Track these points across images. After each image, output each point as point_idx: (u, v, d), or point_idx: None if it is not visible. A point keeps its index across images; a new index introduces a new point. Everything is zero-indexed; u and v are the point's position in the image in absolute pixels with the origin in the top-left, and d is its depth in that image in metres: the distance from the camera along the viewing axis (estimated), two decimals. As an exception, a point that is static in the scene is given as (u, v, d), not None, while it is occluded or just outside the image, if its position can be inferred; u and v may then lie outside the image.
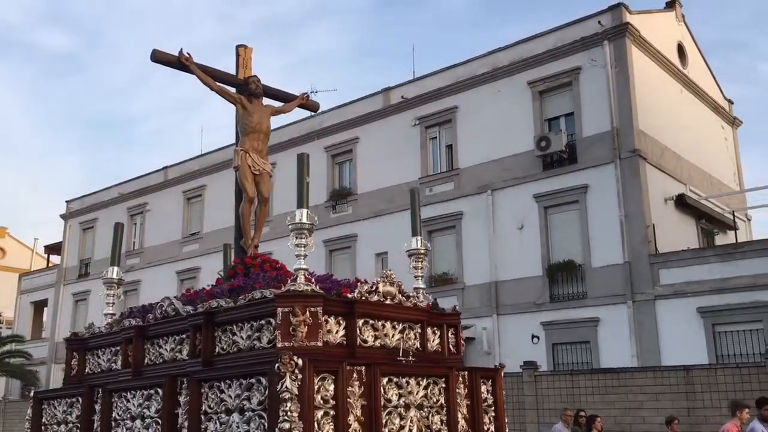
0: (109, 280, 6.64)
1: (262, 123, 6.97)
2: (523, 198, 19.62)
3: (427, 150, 22.64)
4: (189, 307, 5.27)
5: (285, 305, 4.46)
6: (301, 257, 4.69)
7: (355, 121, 24.28)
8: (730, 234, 21.78)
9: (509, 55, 21.16)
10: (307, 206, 4.80)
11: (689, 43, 23.21)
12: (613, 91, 18.89)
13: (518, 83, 20.75)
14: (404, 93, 23.27)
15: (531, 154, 19.81)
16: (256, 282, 5.21)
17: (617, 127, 18.69)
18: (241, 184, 6.79)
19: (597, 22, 19.50)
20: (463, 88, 21.86)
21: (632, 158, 18.36)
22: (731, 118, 25.23)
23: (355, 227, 23.35)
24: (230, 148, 31.64)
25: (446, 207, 21.34)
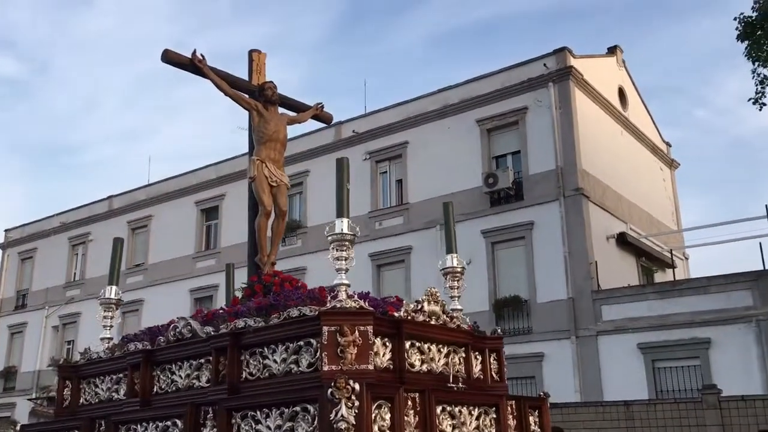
0: (106, 301, 6.04)
1: (279, 132, 6.54)
2: (471, 234, 19.93)
3: (377, 184, 22.85)
4: (209, 328, 4.77)
5: (332, 324, 4.01)
6: (341, 271, 4.27)
7: (306, 155, 24.35)
8: (668, 272, 22.51)
9: (459, 93, 21.67)
10: (347, 215, 4.40)
11: (629, 87, 24.20)
12: (558, 131, 19.51)
13: (467, 121, 21.22)
14: (355, 127, 23.50)
15: (479, 191, 20.19)
16: (288, 299, 4.72)
17: (561, 166, 19.26)
18: (258, 195, 6.31)
19: (543, 65, 20.19)
20: (414, 124, 22.24)
21: (576, 196, 18.91)
22: (669, 160, 26.27)
23: (305, 260, 23.25)
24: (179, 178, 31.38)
25: (396, 241, 21.49)
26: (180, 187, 27.70)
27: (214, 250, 26.04)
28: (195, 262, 26.23)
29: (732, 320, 16.14)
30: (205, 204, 26.88)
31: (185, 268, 26.36)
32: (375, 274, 21.54)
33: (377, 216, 22.31)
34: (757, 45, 14.99)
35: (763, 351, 15.72)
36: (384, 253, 21.31)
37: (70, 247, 30.67)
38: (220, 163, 27.06)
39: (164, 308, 25.01)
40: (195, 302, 25.35)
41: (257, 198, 6.35)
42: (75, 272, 30.54)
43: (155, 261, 27.39)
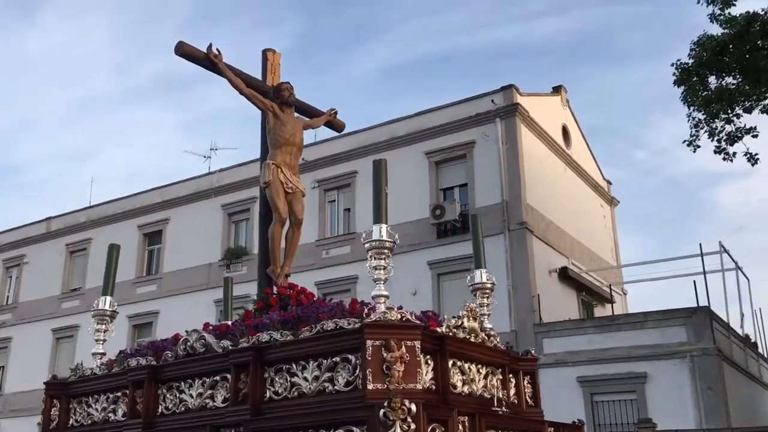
0: (100, 312, 5.57)
1: (296, 135, 6.20)
2: (418, 264, 20.03)
3: (325, 212, 22.82)
4: (227, 342, 4.37)
5: (377, 337, 3.65)
6: (380, 282, 4.00)
7: (254, 181, 24.12)
8: (607, 307, 23.04)
9: (409, 125, 21.94)
10: (386, 221, 4.16)
11: (573, 126, 24.95)
12: (504, 166, 19.92)
13: (416, 153, 21.48)
14: (305, 155, 23.43)
15: (426, 222, 20.38)
16: (319, 311, 4.33)
17: (507, 200, 19.64)
18: (272, 202, 5.93)
19: (490, 101, 20.67)
20: (363, 154, 22.36)
21: (520, 230, 19.27)
22: (610, 197, 27.07)
23: (250, 287, 22.87)
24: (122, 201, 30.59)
25: (342, 270, 21.41)
26: (122, 210, 27.07)
27: (155, 276, 25.44)
28: (135, 288, 25.56)
29: (667, 355, 16.58)
30: (148, 228, 26.31)
31: (124, 294, 25.60)
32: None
33: (324, 245, 22.24)
34: (693, 90, 15.71)
35: (696, 386, 16.16)
36: (330, 282, 21.21)
37: (3, 269, 29.51)
38: (165, 187, 26.60)
39: (101, 334, 24.26)
40: (133, 329, 24.68)
41: (272, 204, 5.95)
42: (8, 296, 29.36)
43: (93, 286, 26.54)
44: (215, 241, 23.96)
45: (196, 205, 25.19)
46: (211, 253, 23.88)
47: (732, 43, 15.04)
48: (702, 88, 15.67)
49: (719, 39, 15.23)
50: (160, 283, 24.86)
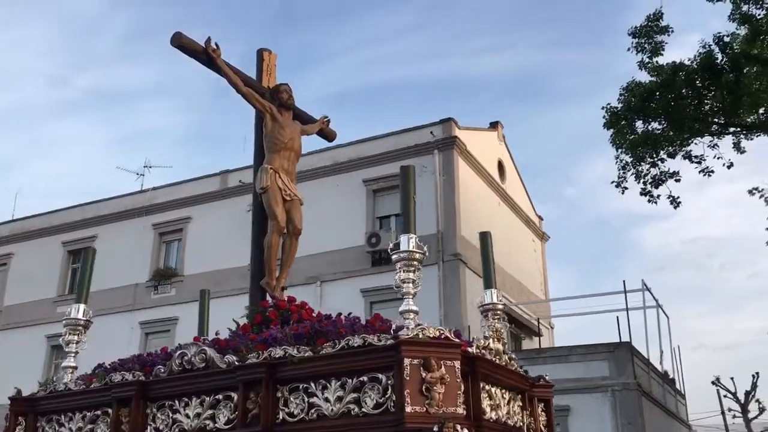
0: (73, 322, 5.02)
1: (294, 140, 5.91)
2: (351, 292, 19.99)
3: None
4: (232, 357, 3.99)
5: (415, 356, 3.38)
6: (409, 296, 3.79)
7: (189, 201, 23.74)
8: (535, 339, 23.49)
9: (348, 152, 22.04)
10: (414, 231, 3.94)
11: (508, 161, 25.59)
12: (440, 198, 20.22)
13: (354, 180, 21.57)
14: (243, 178, 23.25)
15: (361, 250, 20.41)
16: (340, 326, 4.04)
17: (442, 231, 19.91)
18: (269, 209, 5.62)
19: (429, 132, 21.02)
20: (302, 179, 22.20)
21: (454, 262, 19.52)
22: (541, 233, 27.78)
23: (177, 310, 22.36)
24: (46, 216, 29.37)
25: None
26: (47, 225, 26.06)
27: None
28: (56, 306, 24.52)
29: (590, 389, 16.97)
30: (74, 245, 25.37)
31: (44, 312, 24.58)
32: (250, 327, 21.03)
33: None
34: (621, 134, 16.40)
35: (617, 420, 16.58)
36: (261, 307, 20.90)
37: None
38: (94, 203, 25.80)
39: (18, 355, 23.11)
40: (52, 350, 23.66)
41: (269, 212, 5.65)
42: None
43: (11, 303, 25.38)
44: (144, 261, 23.33)
45: (126, 223, 24.51)
46: (138, 273, 23.24)
47: (658, 91, 15.81)
48: (629, 132, 16.37)
49: (647, 86, 16.00)
50: (84, 303, 24.00)
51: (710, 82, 15.76)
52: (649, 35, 16.31)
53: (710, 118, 16.45)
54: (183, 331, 21.85)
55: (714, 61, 15.78)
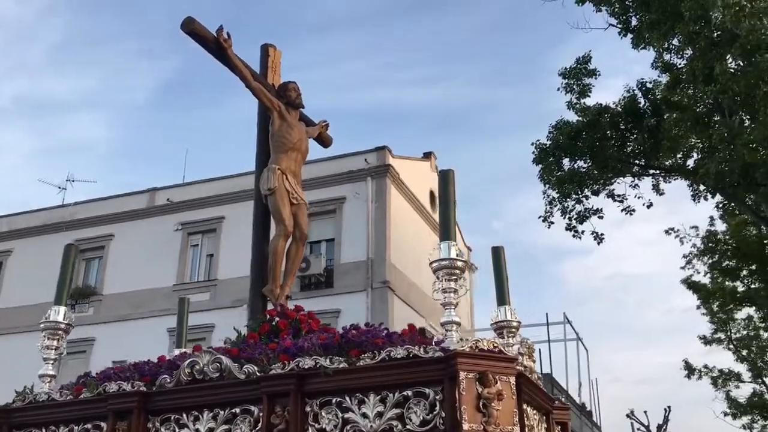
0: (52, 325, 4.68)
1: (302, 141, 5.60)
2: (278, 316, 19.73)
3: (186, 257, 22.05)
4: (252, 367, 3.70)
5: (471, 369, 3.18)
6: (451, 307, 3.60)
7: (112, 218, 23.00)
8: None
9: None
10: (455, 238, 3.74)
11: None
12: (371, 225, 20.30)
13: (286, 204, 21.41)
14: (171, 196, 22.74)
15: (290, 274, 20.20)
16: (375, 336, 3.79)
17: (372, 258, 19.94)
18: (276, 212, 5.29)
19: (364, 159, 21.15)
20: (233, 199, 21.98)
21: (382, 289, 19.56)
22: (469, 263, 28.22)
23: (94, 330, 21.48)
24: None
25: (199, 318, 20.55)
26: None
27: (-11, 311, 23.25)
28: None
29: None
30: (-14, 259, 24.14)
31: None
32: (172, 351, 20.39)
33: (182, 289, 21.36)
34: (548, 170, 16.91)
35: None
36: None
37: None
38: (8, 217, 24.68)
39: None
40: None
41: (276, 215, 5.32)
42: None
43: None
44: (62, 277, 22.45)
45: (45, 238, 23.49)
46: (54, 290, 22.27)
47: (585, 131, 16.44)
48: (557, 169, 16.90)
49: (574, 125, 16.61)
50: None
51: (633, 126, 16.51)
52: (577, 77, 16.99)
53: (632, 159, 17.20)
54: (100, 353, 21.00)
55: (637, 106, 16.56)
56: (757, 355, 23.20)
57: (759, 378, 23.19)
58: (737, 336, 23.40)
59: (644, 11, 15.65)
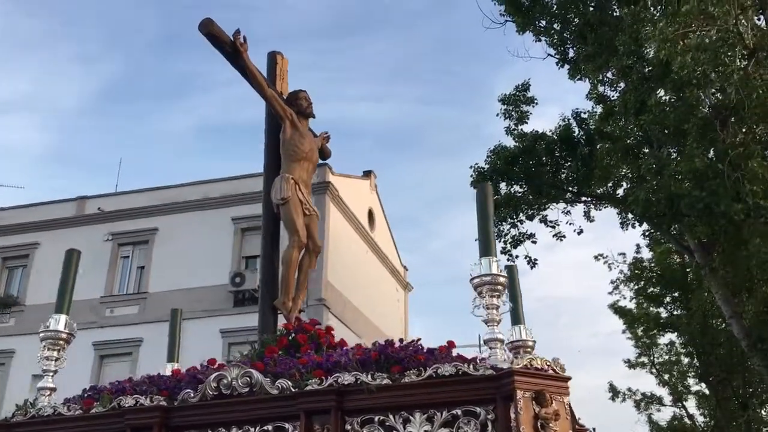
0: (52, 335, 4.39)
1: (314, 152, 5.51)
2: (210, 332, 19.30)
3: (116, 268, 21.40)
4: (286, 383, 3.54)
5: (528, 388, 3.09)
6: (494, 324, 3.49)
7: (39, 225, 22.13)
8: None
9: (219, 188, 21.58)
10: (494, 254, 3.65)
11: (378, 210, 26.10)
12: (310, 242, 20.17)
13: (223, 217, 21.08)
14: (102, 205, 22.07)
15: (224, 289, 19.85)
16: (416, 352, 3.63)
17: (309, 275, 19.79)
18: (290, 222, 5.16)
19: (304, 176, 21.06)
20: (167, 211, 21.52)
21: (318, 306, 19.42)
22: (405, 282, 28.36)
23: (15, 342, 20.55)
24: None
25: (126, 332, 20.01)
26: None
27: None
28: None
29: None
30: None
31: None
32: (96, 365, 19.69)
33: (110, 302, 20.72)
34: (485, 193, 17.20)
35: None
36: (111, 343, 19.67)
37: None
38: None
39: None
40: None
41: (289, 225, 5.19)
42: None
43: None
44: (-19, 286, 21.37)
45: (-36, 244, 22.46)
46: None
47: (521, 156, 16.82)
48: (494, 193, 17.22)
49: (511, 150, 16.99)
50: None
51: (567, 153, 17.00)
52: (516, 104, 17.42)
53: (565, 186, 17.67)
54: (19, 365, 20.08)
55: (571, 135, 17.07)
56: (678, 380, 24.01)
57: (679, 402, 24.00)
58: (659, 360, 24.18)
59: (581, 44, 16.22)
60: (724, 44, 12.31)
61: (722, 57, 12.09)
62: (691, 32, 12.61)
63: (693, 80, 12.40)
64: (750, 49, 12.81)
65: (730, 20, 12.31)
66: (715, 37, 12.15)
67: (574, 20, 16.39)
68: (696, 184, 12.40)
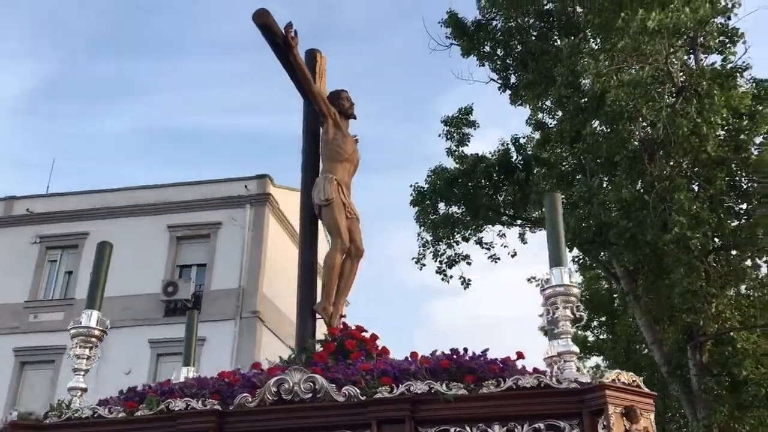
0: (84, 332, 4.16)
1: (355, 153, 5.27)
2: (137, 341, 18.83)
3: (42, 272, 20.65)
4: (353, 389, 3.42)
5: (619, 403, 3.00)
6: (567, 336, 3.36)
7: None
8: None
9: (156, 194, 21.16)
10: (566, 263, 3.53)
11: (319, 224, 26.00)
12: (246, 253, 19.97)
13: (159, 224, 20.66)
14: (31, 206, 21.32)
15: (155, 298, 19.42)
16: (489, 364, 3.52)
17: (244, 286, 19.58)
18: (334, 224, 5.03)
19: (244, 186, 20.88)
20: (100, 216, 20.95)
21: (252, 319, 19.21)
22: (342, 297, 28.32)
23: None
24: None
25: (50, 338, 19.27)
26: None
27: None
28: None
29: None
30: None
31: None
32: (16, 372, 18.89)
33: (35, 307, 19.97)
34: (424, 213, 17.44)
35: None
36: (33, 350, 18.93)
37: None
38: None
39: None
40: None
41: (332, 227, 5.07)
42: None
43: None
44: None
45: None
46: None
47: (461, 178, 17.15)
48: (432, 212, 17.47)
49: (451, 172, 17.29)
50: None
51: (505, 177, 17.41)
52: (458, 126, 17.78)
53: (502, 209, 18.09)
54: None
55: (510, 159, 17.51)
56: (603, 402, 24.65)
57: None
58: (587, 383, 24.76)
59: (522, 71, 16.71)
60: (655, 81, 12.91)
61: (653, 93, 12.67)
62: (625, 68, 13.18)
63: (625, 114, 12.93)
64: (678, 87, 13.48)
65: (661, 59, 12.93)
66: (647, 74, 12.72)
67: (517, 47, 16.89)
68: (624, 214, 12.90)
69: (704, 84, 12.99)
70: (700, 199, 13.11)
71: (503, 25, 16.78)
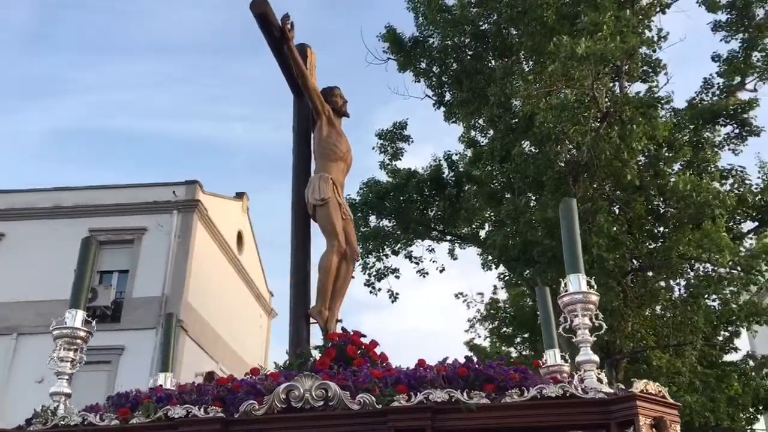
0: (69, 333, 3.92)
1: (349, 153, 5.14)
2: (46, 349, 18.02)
3: (-50, 274, 19.52)
4: (368, 397, 3.26)
5: (649, 414, 2.94)
6: (587, 345, 3.28)
7: None
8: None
9: (77, 196, 20.40)
10: (581, 270, 3.50)
11: (248, 233, 25.67)
12: (172, 260, 19.46)
13: (79, 228, 19.82)
14: (-59, 204, 20.16)
15: (73, 304, 18.66)
16: (507, 372, 3.42)
17: (167, 294, 19.05)
18: (329, 225, 4.80)
19: (172, 191, 20.37)
20: (16, 217, 20.03)
21: (175, 328, 18.69)
22: (269, 308, 27.96)
23: None
24: None
25: (-45, 344, 18.25)
26: None
27: None
28: None
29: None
30: None
31: None
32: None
33: (-61, 311, 18.83)
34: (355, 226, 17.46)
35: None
36: (-65, 357, 17.83)
37: None
38: None
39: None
40: None
41: (328, 228, 4.84)
42: None
43: None
44: None
45: None
46: None
47: (393, 191, 17.29)
48: (363, 225, 17.51)
49: (384, 185, 17.41)
50: None
51: (436, 193, 17.66)
52: (392, 140, 17.94)
53: (432, 224, 18.31)
54: None
55: (441, 175, 17.78)
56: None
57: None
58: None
59: (457, 89, 17.02)
60: (581, 105, 13.39)
61: (579, 117, 13.13)
62: (554, 91, 13.61)
63: (552, 136, 13.34)
64: (603, 113, 14.01)
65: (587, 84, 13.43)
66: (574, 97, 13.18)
67: (452, 65, 17.20)
68: (548, 233, 13.27)
69: (628, 111, 13.55)
70: (619, 221, 13.61)
71: (440, 43, 17.06)
